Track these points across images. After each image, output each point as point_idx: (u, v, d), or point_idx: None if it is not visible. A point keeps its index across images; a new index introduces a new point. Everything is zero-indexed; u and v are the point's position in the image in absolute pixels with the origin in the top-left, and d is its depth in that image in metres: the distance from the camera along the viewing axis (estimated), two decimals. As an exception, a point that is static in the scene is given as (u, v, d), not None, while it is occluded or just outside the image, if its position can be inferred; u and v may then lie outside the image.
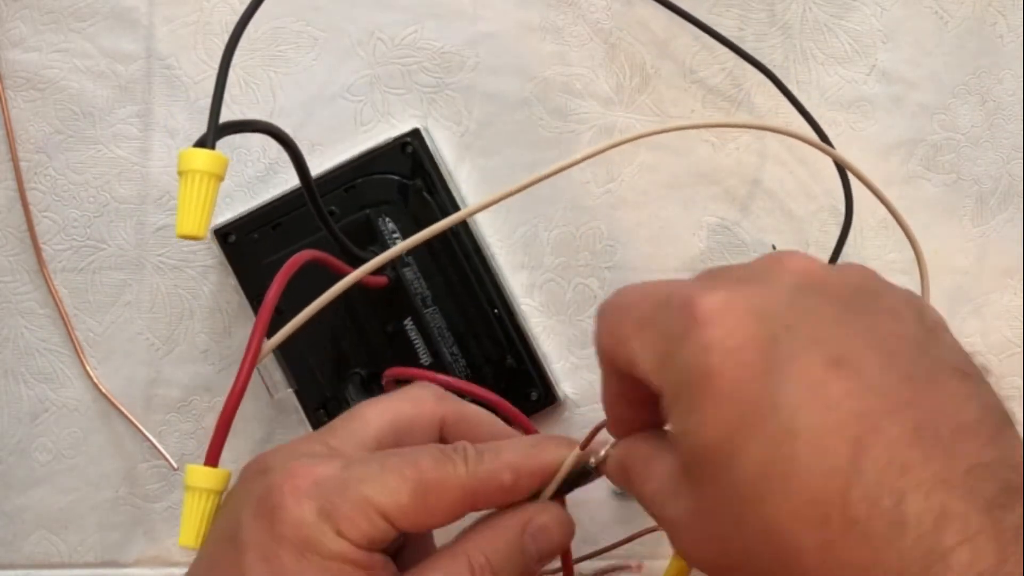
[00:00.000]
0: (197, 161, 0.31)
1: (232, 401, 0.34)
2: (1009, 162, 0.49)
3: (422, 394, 0.36)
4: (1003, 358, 0.48)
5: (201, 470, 0.34)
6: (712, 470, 0.26)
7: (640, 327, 0.29)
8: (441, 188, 0.47)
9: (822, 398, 0.24)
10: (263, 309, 0.35)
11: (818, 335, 0.25)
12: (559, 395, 0.48)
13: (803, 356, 0.25)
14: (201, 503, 0.33)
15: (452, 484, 0.32)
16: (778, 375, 0.25)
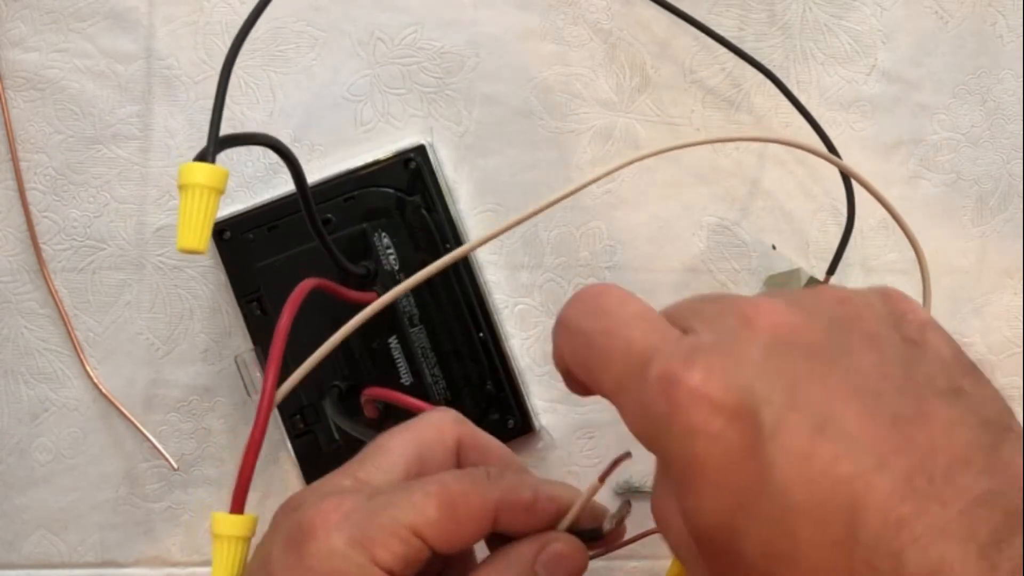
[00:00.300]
0: (197, 175, 0.31)
1: (252, 448, 0.34)
2: (1009, 162, 0.49)
3: (442, 418, 0.37)
4: (1003, 358, 0.48)
5: (228, 518, 0.34)
6: (717, 549, 0.26)
7: (619, 388, 0.28)
8: (440, 207, 0.47)
9: (812, 469, 0.24)
10: (275, 346, 0.36)
11: (798, 401, 0.25)
12: (535, 425, 0.48)
13: (787, 428, 0.25)
14: (231, 551, 0.34)
15: (477, 496, 0.33)
16: (766, 453, 0.24)
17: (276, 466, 0.49)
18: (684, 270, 0.49)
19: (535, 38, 0.49)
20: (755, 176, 0.49)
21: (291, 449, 0.48)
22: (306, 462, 0.48)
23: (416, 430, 0.36)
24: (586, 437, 0.49)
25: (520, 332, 0.49)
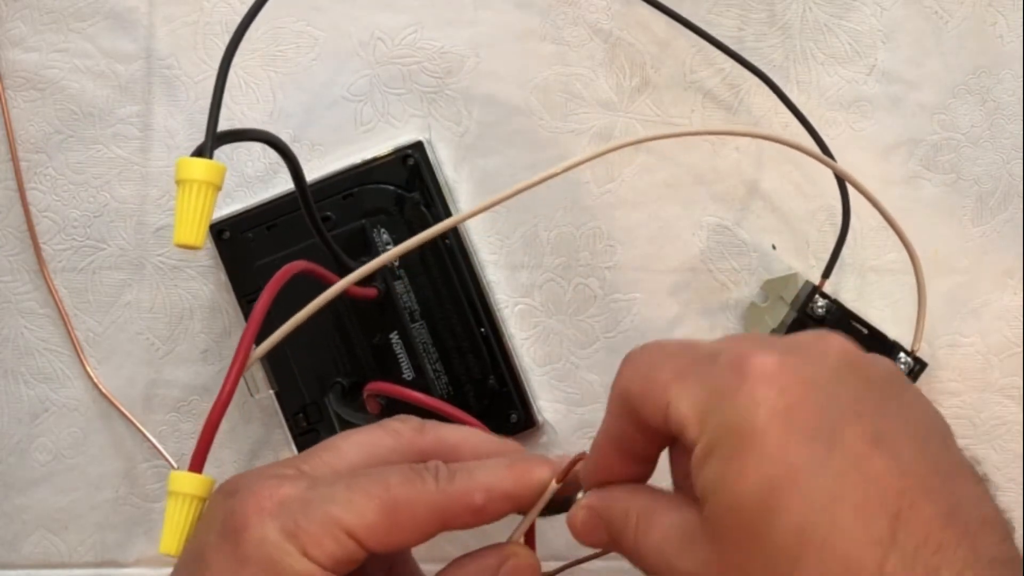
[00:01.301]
0: (195, 171, 0.31)
1: (218, 408, 0.34)
2: (1009, 162, 0.49)
3: (400, 427, 0.36)
4: (1003, 358, 0.48)
5: (185, 476, 0.33)
6: (745, 525, 0.26)
7: (681, 377, 0.29)
8: (439, 202, 0.47)
9: (865, 471, 0.26)
10: (252, 319, 0.35)
11: (860, 410, 0.27)
12: (538, 419, 0.48)
13: (847, 428, 0.26)
14: (184, 509, 0.33)
15: (421, 502, 0.32)
16: (824, 442, 0.26)
17: (276, 466, 0.49)
18: (684, 270, 0.49)
19: (535, 38, 0.49)
20: (754, 176, 0.49)
21: (294, 448, 0.48)
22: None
23: (372, 433, 0.35)
24: (587, 437, 0.49)
25: (520, 332, 0.49)
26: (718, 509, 0.27)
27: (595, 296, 0.49)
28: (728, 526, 0.27)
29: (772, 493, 0.26)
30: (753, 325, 0.48)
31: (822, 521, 0.25)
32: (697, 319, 0.49)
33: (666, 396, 0.29)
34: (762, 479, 0.26)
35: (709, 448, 0.27)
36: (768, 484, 0.26)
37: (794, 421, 0.26)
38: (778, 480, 0.26)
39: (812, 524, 0.25)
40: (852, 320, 0.46)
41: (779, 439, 0.26)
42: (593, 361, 0.49)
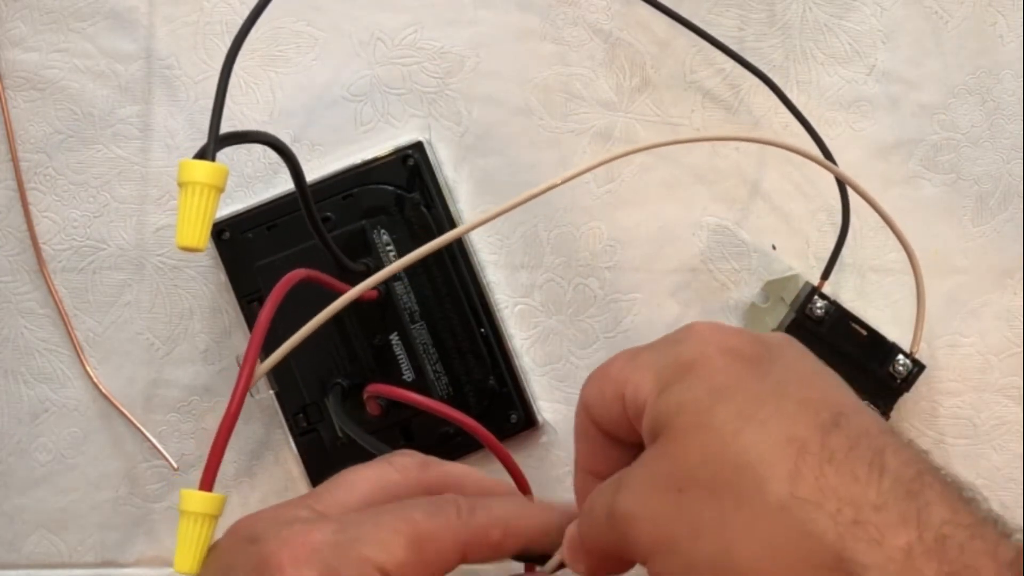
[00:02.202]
0: (197, 173, 0.31)
1: (226, 426, 0.34)
2: (1009, 162, 0.49)
3: (406, 462, 0.36)
4: (1003, 358, 0.48)
5: (197, 495, 0.33)
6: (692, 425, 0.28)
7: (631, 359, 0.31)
8: (439, 202, 0.47)
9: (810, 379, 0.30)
10: (255, 334, 0.35)
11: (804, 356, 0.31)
12: (538, 419, 0.48)
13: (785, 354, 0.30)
14: (197, 528, 0.33)
15: (446, 535, 0.32)
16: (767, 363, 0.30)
17: (278, 465, 0.49)
18: (684, 270, 0.49)
19: (535, 38, 0.49)
20: (754, 177, 0.49)
21: (294, 448, 0.48)
22: (310, 461, 0.48)
23: (379, 469, 0.35)
24: (586, 437, 0.49)
25: (520, 332, 0.49)
26: (668, 420, 0.29)
27: (595, 296, 0.49)
28: (678, 430, 0.28)
29: (716, 395, 0.28)
30: (753, 325, 0.48)
31: (767, 409, 0.27)
32: (697, 319, 0.49)
33: (621, 379, 0.31)
34: (709, 388, 0.28)
35: (659, 386, 0.30)
36: (712, 391, 0.28)
37: (739, 354, 0.29)
38: (724, 385, 0.28)
39: (754, 410, 0.27)
40: (851, 321, 0.46)
41: (724, 363, 0.29)
42: (593, 361, 0.49)
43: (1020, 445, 0.48)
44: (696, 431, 0.28)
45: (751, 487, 0.26)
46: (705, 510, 0.27)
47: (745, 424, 0.27)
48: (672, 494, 0.28)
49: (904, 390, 0.46)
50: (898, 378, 0.46)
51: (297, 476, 0.49)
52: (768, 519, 0.26)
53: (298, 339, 0.36)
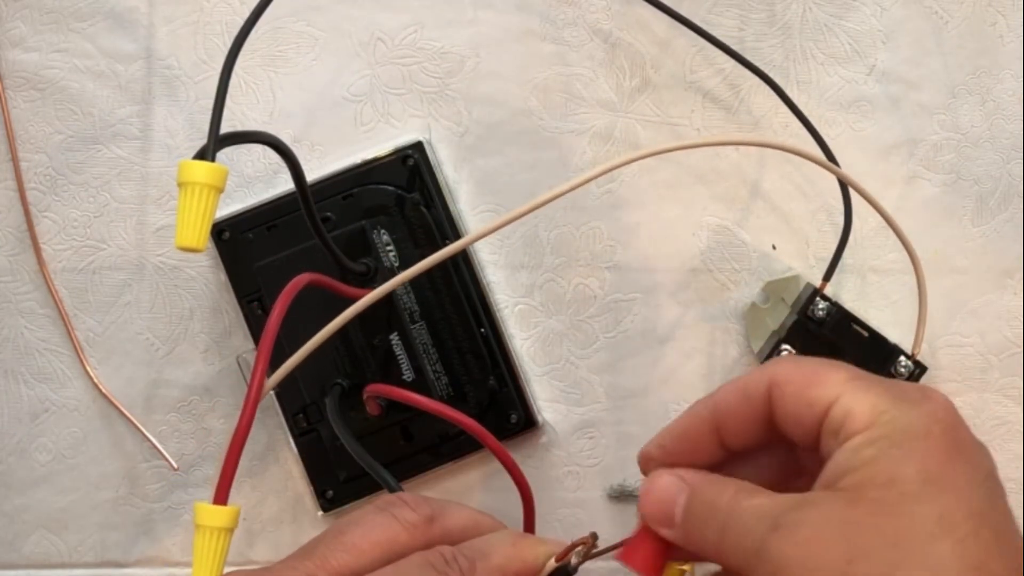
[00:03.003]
0: (197, 173, 0.31)
1: (238, 440, 0.34)
2: (1009, 162, 0.49)
3: (414, 520, 0.36)
4: (1003, 358, 0.48)
5: (211, 509, 0.33)
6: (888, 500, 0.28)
7: (858, 379, 0.31)
8: (439, 202, 0.47)
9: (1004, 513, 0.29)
10: (263, 343, 0.35)
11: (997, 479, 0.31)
12: (538, 419, 0.48)
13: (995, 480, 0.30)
14: (213, 542, 0.33)
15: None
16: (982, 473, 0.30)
17: (278, 465, 0.49)
18: (684, 270, 0.49)
19: (535, 38, 0.49)
20: (755, 177, 0.49)
21: (294, 448, 0.48)
22: (309, 461, 0.48)
23: (389, 531, 0.35)
24: (586, 437, 0.49)
25: (520, 332, 0.49)
26: (866, 480, 0.29)
27: (595, 296, 0.49)
28: (871, 496, 0.28)
29: (928, 484, 0.28)
30: (753, 326, 0.48)
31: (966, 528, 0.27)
32: (697, 319, 0.49)
33: (836, 391, 0.31)
34: (921, 471, 0.28)
35: (878, 436, 0.29)
36: (927, 476, 0.28)
37: (961, 446, 0.29)
38: (936, 477, 0.28)
39: (955, 523, 0.27)
40: (852, 323, 0.46)
41: (947, 450, 0.29)
42: (593, 361, 0.49)
43: (1020, 445, 0.48)
44: (892, 514, 0.28)
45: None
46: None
47: (943, 535, 0.27)
48: (840, 563, 0.28)
49: (904, 390, 0.46)
50: (899, 380, 0.46)
51: (297, 476, 0.49)
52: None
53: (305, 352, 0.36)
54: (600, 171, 0.39)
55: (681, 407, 0.48)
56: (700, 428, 0.34)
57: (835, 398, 0.31)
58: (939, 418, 0.30)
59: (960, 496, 0.28)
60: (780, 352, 0.46)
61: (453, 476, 0.49)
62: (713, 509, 0.31)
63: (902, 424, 0.29)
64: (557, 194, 0.38)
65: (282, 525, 0.49)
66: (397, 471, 0.47)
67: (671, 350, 0.49)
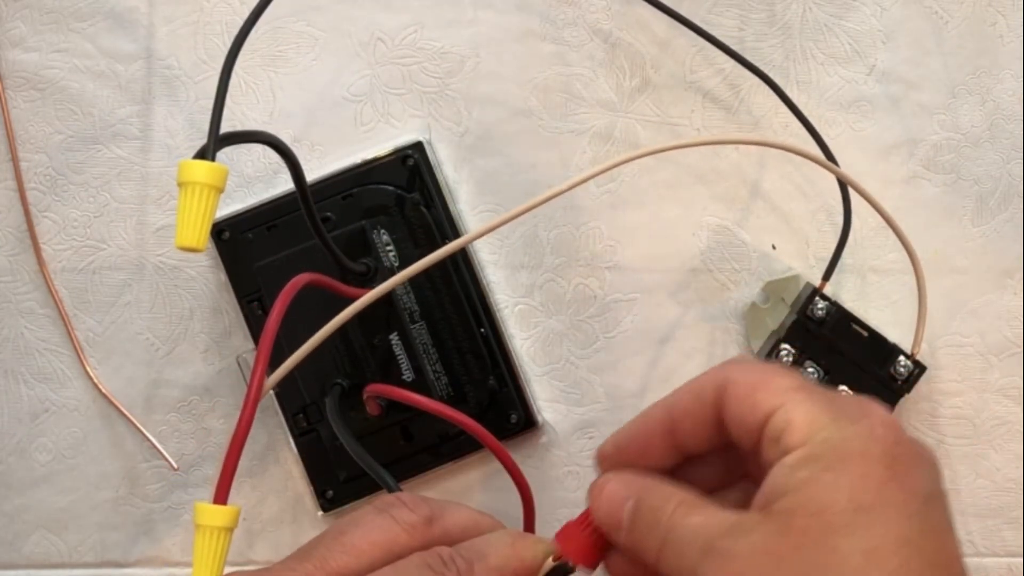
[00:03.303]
0: (197, 173, 0.31)
1: (238, 440, 0.34)
2: (1009, 162, 0.49)
3: (414, 521, 0.36)
4: (1003, 358, 0.48)
5: (211, 508, 0.33)
6: (818, 529, 0.28)
7: (802, 389, 0.31)
8: (439, 202, 0.47)
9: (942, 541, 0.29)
10: (263, 344, 0.35)
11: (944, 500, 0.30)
12: (538, 419, 0.48)
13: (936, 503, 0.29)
14: (213, 542, 0.33)
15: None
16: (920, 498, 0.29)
17: (278, 466, 0.49)
18: (684, 270, 0.49)
19: (535, 38, 0.49)
20: (755, 177, 0.49)
21: (294, 448, 0.48)
22: (309, 461, 0.48)
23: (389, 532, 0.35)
24: (586, 437, 0.49)
25: (520, 332, 0.49)
26: (796, 508, 0.28)
27: (595, 296, 0.49)
28: (800, 526, 0.28)
29: (859, 513, 0.27)
30: (754, 326, 0.48)
31: (896, 560, 0.27)
32: (697, 319, 0.49)
33: (779, 399, 0.30)
34: (853, 498, 0.28)
35: (810, 456, 0.29)
36: (858, 504, 0.28)
37: (897, 468, 0.29)
38: (869, 506, 0.28)
39: (886, 556, 0.27)
40: (852, 322, 0.46)
41: (882, 473, 0.28)
42: (593, 361, 0.49)
43: (1020, 445, 0.48)
44: (818, 547, 0.28)
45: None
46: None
47: (870, 570, 0.27)
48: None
49: (905, 391, 0.46)
50: (899, 380, 0.46)
51: (297, 476, 0.49)
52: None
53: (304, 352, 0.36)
54: (599, 170, 0.39)
55: (681, 407, 0.48)
56: (655, 429, 0.34)
57: (778, 406, 0.30)
58: (878, 436, 0.29)
59: (891, 525, 0.28)
60: (780, 352, 0.46)
61: (453, 476, 0.49)
62: (656, 521, 0.32)
63: (838, 442, 0.29)
64: (556, 193, 0.38)
65: (282, 525, 0.49)
66: (397, 471, 0.47)
67: (671, 350, 0.49)
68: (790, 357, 0.46)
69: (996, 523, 0.48)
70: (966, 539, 0.48)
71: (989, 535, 0.48)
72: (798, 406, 0.30)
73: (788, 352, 0.46)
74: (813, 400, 0.30)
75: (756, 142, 0.48)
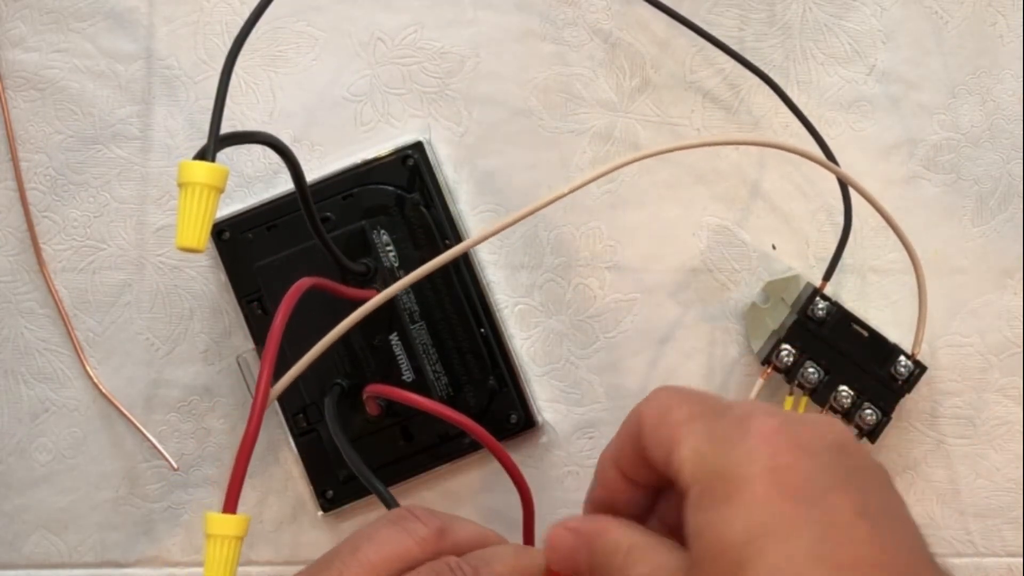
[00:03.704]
0: (197, 173, 0.31)
1: (246, 447, 0.34)
2: (1009, 162, 0.49)
3: (426, 535, 0.36)
4: (1003, 358, 0.48)
5: (221, 518, 0.34)
6: (727, 570, 0.27)
7: (691, 420, 0.31)
8: (439, 203, 0.47)
9: (850, 535, 0.27)
10: (267, 352, 0.35)
11: (848, 486, 0.28)
12: (538, 419, 0.48)
13: (835, 496, 0.28)
14: (224, 550, 0.33)
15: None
16: (809, 503, 0.28)
17: (278, 466, 0.49)
18: (684, 270, 0.49)
19: (535, 38, 0.49)
20: (755, 177, 0.49)
21: (294, 448, 0.48)
22: (309, 461, 0.48)
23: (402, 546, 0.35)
24: (586, 437, 0.49)
25: (520, 332, 0.49)
26: (704, 552, 0.28)
27: (595, 296, 0.49)
28: (712, 570, 0.28)
29: (753, 542, 0.27)
30: (754, 326, 0.48)
31: (793, 572, 0.26)
32: (697, 319, 0.49)
33: (676, 435, 0.30)
34: (746, 528, 0.27)
35: (701, 493, 0.29)
36: (751, 534, 0.27)
37: (783, 480, 0.28)
38: (760, 530, 0.27)
39: (784, 572, 0.26)
40: (852, 322, 0.46)
41: (766, 493, 0.28)
42: (593, 361, 0.49)
43: (1020, 445, 0.48)
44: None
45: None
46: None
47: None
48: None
49: (906, 391, 0.46)
50: (899, 380, 0.46)
51: (297, 476, 0.49)
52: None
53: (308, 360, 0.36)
54: (603, 171, 0.39)
55: (681, 407, 0.48)
56: (609, 472, 0.34)
57: (677, 441, 0.30)
58: (758, 457, 0.28)
59: (784, 550, 0.27)
60: (781, 352, 0.46)
61: (453, 476, 0.49)
62: (609, 570, 0.32)
63: (723, 471, 0.29)
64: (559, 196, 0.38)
65: (282, 525, 0.49)
66: (397, 471, 0.47)
67: (671, 350, 0.49)
68: (791, 357, 0.46)
69: (996, 523, 0.48)
70: (966, 539, 0.48)
71: (989, 535, 0.48)
72: (686, 440, 0.30)
73: (789, 352, 0.46)
74: (698, 432, 0.30)
75: (757, 143, 0.48)
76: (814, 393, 0.46)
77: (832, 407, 0.46)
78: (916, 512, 0.48)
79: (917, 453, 0.48)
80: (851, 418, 0.46)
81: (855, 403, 0.46)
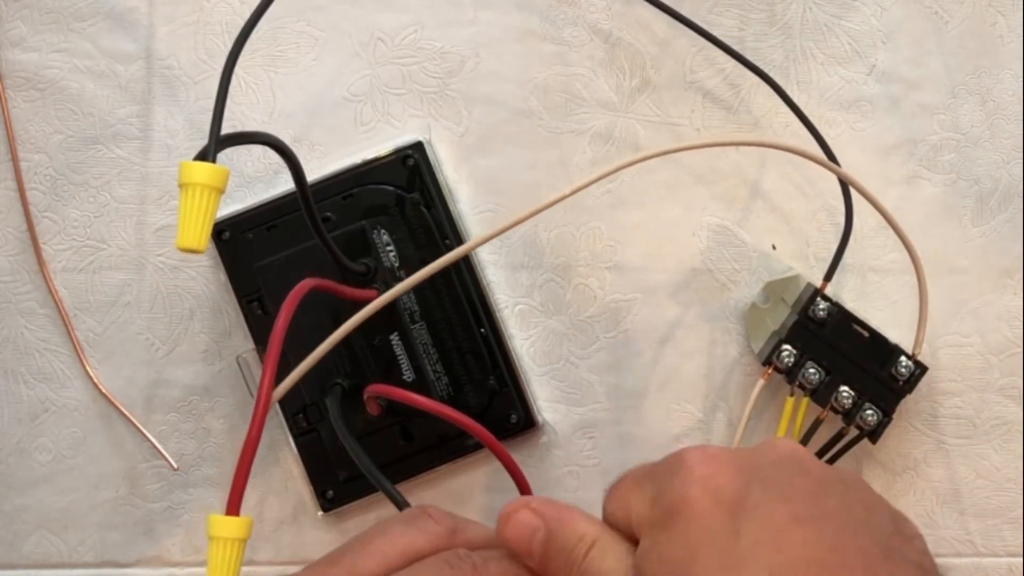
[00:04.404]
0: (198, 174, 0.31)
1: (249, 449, 0.34)
2: (1009, 162, 0.49)
3: (438, 531, 0.36)
4: (1003, 358, 0.48)
5: (224, 520, 0.34)
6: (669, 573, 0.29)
7: (637, 482, 0.32)
8: (439, 203, 0.47)
9: (782, 540, 0.28)
10: (269, 354, 0.35)
11: (788, 495, 0.29)
12: (538, 419, 0.48)
13: (771, 505, 0.29)
14: (227, 552, 0.33)
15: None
16: (746, 515, 0.29)
17: (278, 466, 0.49)
18: (684, 270, 0.49)
19: (535, 38, 0.49)
20: (755, 177, 0.49)
21: (294, 448, 0.48)
22: (309, 461, 0.48)
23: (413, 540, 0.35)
24: (586, 437, 0.49)
25: (520, 332, 0.49)
26: (648, 570, 0.30)
27: (595, 296, 0.49)
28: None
29: (693, 556, 0.28)
30: (754, 326, 0.48)
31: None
32: (697, 319, 0.49)
33: (628, 503, 0.32)
34: (686, 544, 0.29)
35: (650, 524, 0.30)
36: (691, 548, 0.29)
37: (721, 496, 0.29)
38: (699, 544, 0.29)
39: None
40: (853, 323, 0.46)
41: (705, 510, 0.29)
42: (593, 361, 0.49)
43: (1020, 445, 0.48)
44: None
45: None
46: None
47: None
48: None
49: (907, 392, 0.46)
50: (900, 380, 0.46)
51: (297, 476, 0.49)
52: None
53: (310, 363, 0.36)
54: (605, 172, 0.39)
55: (681, 407, 0.48)
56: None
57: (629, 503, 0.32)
58: (694, 480, 0.30)
59: (718, 556, 0.28)
60: (782, 352, 0.46)
61: (453, 476, 0.49)
62: (569, 562, 0.32)
63: (663, 503, 0.30)
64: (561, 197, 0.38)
65: (282, 525, 0.49)
66: (397, 471, 0.47)
67: (671, 350, 0.49)
68: (791, 358, 0.46)
69: (996, 523, 0.48)
70: (966, 539, 0.48)
71: (989, 535, 0.48)
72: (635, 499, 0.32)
73: (789, 352, 0.46)
74: (644, 485, 0.32)
75: (757, 143, 0.48)
76: (815, 394, 0.46)
77: (833, 408, 0.46)
78: (916, 512, 0.48)
79: (917, 453, 0.48)
80: (852, 418, 0.46)
81: (856, 403, 0.46)
